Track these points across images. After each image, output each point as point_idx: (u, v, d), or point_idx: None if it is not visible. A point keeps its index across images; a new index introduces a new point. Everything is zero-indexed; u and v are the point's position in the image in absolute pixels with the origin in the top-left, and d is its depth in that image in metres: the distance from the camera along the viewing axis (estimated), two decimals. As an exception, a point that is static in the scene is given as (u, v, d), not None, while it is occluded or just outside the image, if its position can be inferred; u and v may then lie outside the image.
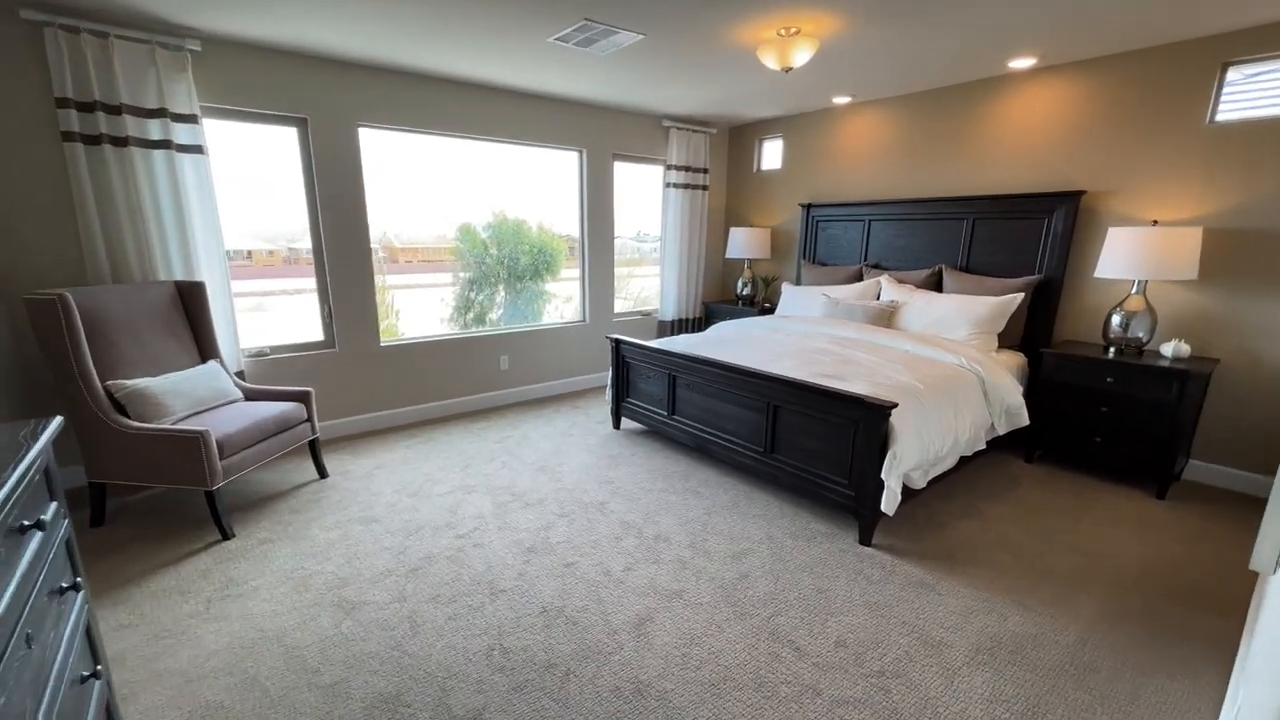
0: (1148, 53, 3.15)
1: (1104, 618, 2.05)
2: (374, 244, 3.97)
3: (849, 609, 2.08)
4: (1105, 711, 1.65)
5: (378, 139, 3.75)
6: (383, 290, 4.17)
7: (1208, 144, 3.02)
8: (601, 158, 4.74)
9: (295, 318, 3.71)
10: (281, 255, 3.67)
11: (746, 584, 2.23)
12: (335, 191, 3.56)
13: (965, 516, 2.79)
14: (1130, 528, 2.68)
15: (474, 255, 4.48)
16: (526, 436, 3.83)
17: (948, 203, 3.99)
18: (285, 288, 3.71)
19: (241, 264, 3.54)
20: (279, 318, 3.69)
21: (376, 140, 3.74)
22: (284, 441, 2.89)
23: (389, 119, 3.68)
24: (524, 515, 2.75)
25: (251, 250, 3.59)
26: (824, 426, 2.64)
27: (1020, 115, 3.66)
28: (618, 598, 2.14)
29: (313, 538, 2.55)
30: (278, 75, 3.26)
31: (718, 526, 2.67)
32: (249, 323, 3.55)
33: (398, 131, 3.80)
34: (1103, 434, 3.14)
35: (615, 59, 3.36)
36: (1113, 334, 3.19)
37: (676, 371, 3.39)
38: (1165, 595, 2.18)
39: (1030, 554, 2.45)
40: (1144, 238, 2.97)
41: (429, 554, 2.42)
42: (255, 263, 3.61)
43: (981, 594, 2.18)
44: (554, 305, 4.96)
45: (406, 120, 3.76)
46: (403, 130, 3.80)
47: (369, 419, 3.94)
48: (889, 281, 4.14)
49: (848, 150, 4.63)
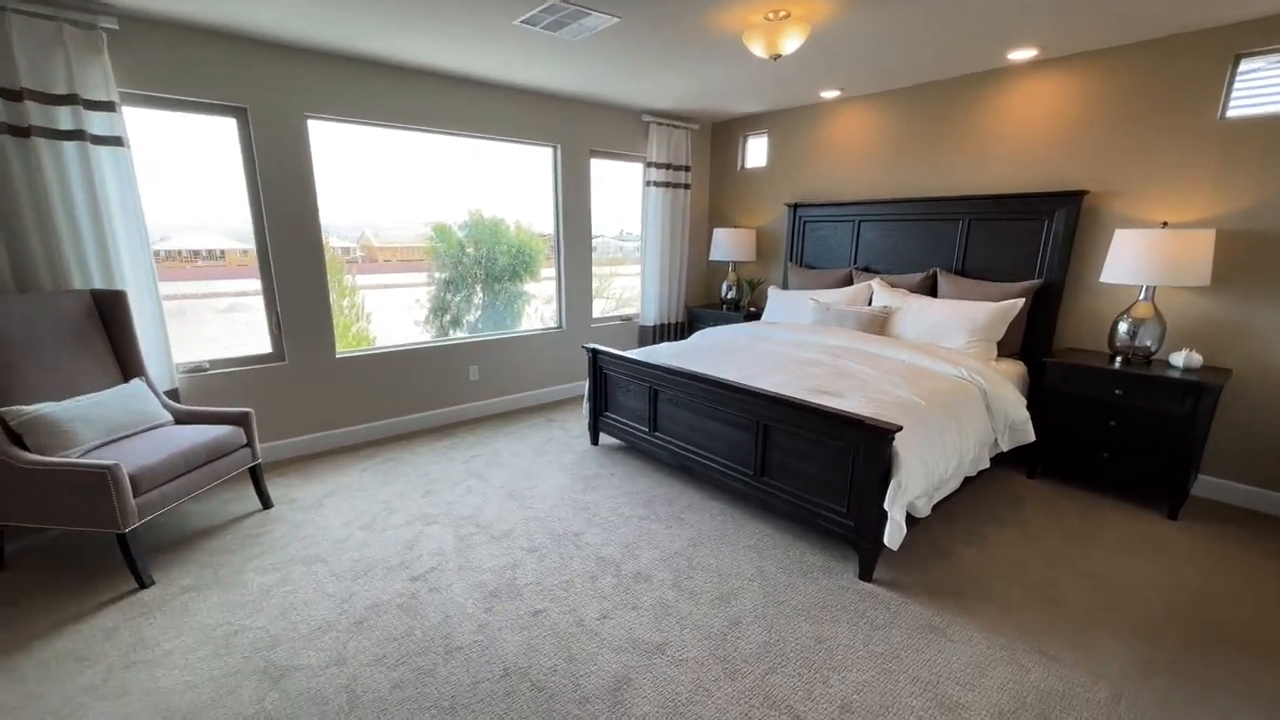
0: (1155, 44, 2.96)
1: (1134, 666, 1.84)
2: (350, 244, 3.67)
3: (853, 662, 1.85)
4: (1153, 793, 1.43)
5: (335, 133, 3.43)
6: (353, 292, 3.86)
7: (1219, 141, 2.84)
8: (578, 154, 4.46)
9: (241, 327, 3.38)
10: (228, 258, 3.33)
11: (737, 633, 1.98)
12: (282, 189, 3.23)
13: (969, 543, 2.57)
14: (1145, 553, 2.49)
15: (450, 255, 4.18)
16: (497, 455, 3.54)
17: (942, 203, 3.79)
18: (227, 291, 3.37)
19: (175, 268, 3.20)
20: (221, 327, 3.35)
21: (333, 134, 3.42)
22: (218, 471, 2.57)
23: (343, 111, 3.36)
24: (489, 551, 2.47)
25: (190, 252, 3.26)
26: (819, 449, 2.40)
27: (1019, 111, 3.47)
28: (591, 654, 1.87)
29: (245, 584, 2.24)
30: (211, 60, 2.93)
31: (704, 560, 2.41)
32: (186, 334, 3.21)
33: (355, 124, 3.48)
34: (1110, 449, 2.95)
35: (589, 46, 3.09)
36: (1119, 342, 3.01)
37: (658, 385, 3.13)
38: (1195, 637, 1.98)
39: (1044, 587, 2.24)
40: (1154, 241, 2.79)
41: (377, 602, 2.13)
42: (191, 266, 3.27)
43: (997, 639, 1.95)
44: (534, 307, 4.68)
45: (363, 112, 3.44)
46: (359, 123, 3.48)
47: (323, 438, 3.61)
48: (881, 286, 3.93)
49: (837, 147, 4.41)
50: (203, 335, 3.29)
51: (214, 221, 3.21)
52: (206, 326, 3.32)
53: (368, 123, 3.50)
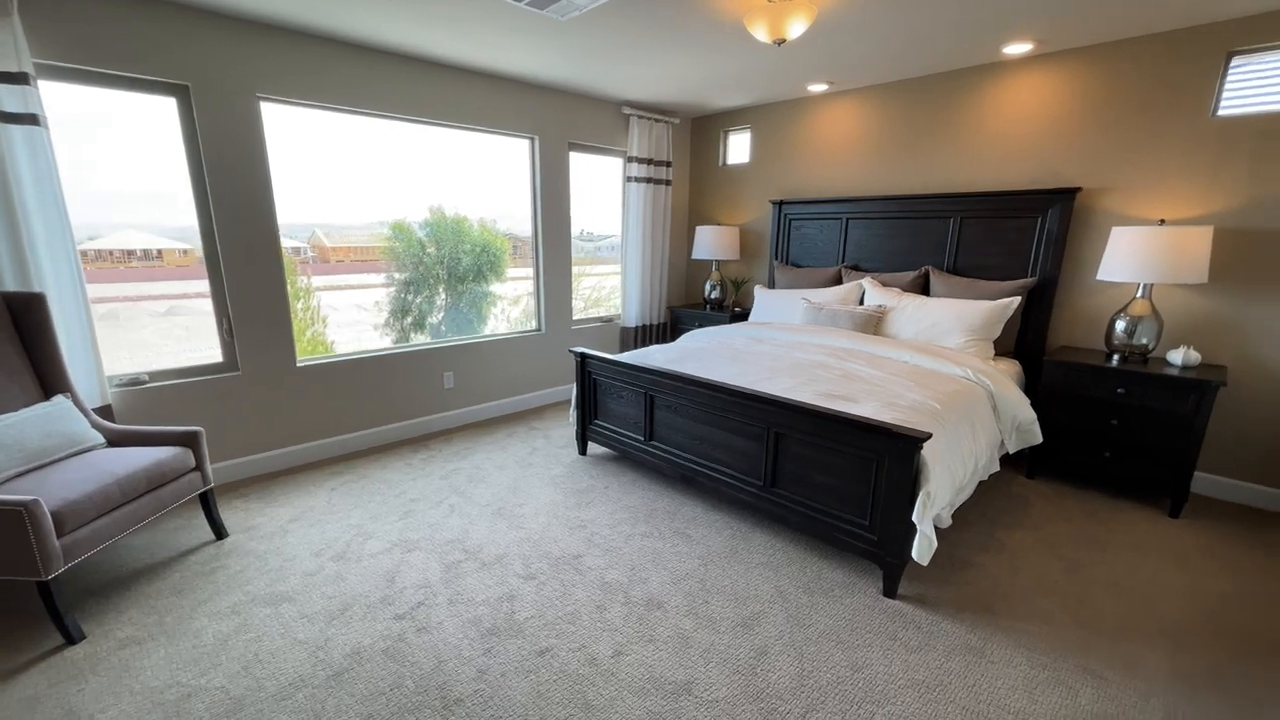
0: (1149, 40, 2.94)
1: (1178, 682, 1.75)
2: (301, 243, 3.33)
3: (895, 694, 1.70)
4: (1236, 831, 1.33)
5: (284, 119, 3.09)
6: (308, 294, 3.51)
7: (1213, 138, 2.84)
8: (556, 146, 4.22)
9: (181, 333, 3.01)
10: (166, 258, 2.96)
11: (766, 665, 1.81)
12: (232, 179, 2.89)
13: (987, 550, 2.48)
14: (1159, 556, 2.45)
15: (410, 255, 3.88)
16: (479, 469, 3.28)
17: (933, 200, 3.72)
18: (166, 294, 3.00)
19: (105, 269, 2.82)
20: (159, 334, 2.98)
21: (282, 121, 3.09)
22: (162, 499, 2.24)
23: (300, 92, 3.04)
24: (481, 580, 2.23)
25: (123, 251, 2.88)
26: (838, 459, 2.25)
27: (1011, 107, 3.43)
28: (610, 700, 1.67)
29: (198, 633, 1.94)
30: (146, 29, 2.57)
31: (718, 582, 2.24)
32: (120, 342, 2.83)
33: (311, 108, 3.15)
34: (1112, 448, 2.93)
35: (577, 26, 2.86)
36: (1117, 340, 2.98)
37: (655, 391, 2.94)
38: (1227, 645, 1.92)
39: (1072, 598, 2.15)
40: (1151, 238, 2.76)
41: (358, 647, 1.87)
42: (125, 267, 2.90)
43: (1038, 658, 1.85)
44: (500, 308, 4.41)
45: (323, 95, 3.12)
46: (318, 107, 3.16)
47: (285, 455, 3.27)
48: (872, 284, 3.85)
49: (823, 143, 4.31)
50: (137, 342, 2.91)
51: (151, 216, 2.84)
52: (141, 332, 2.94)
53: (329, 107, 3.18)
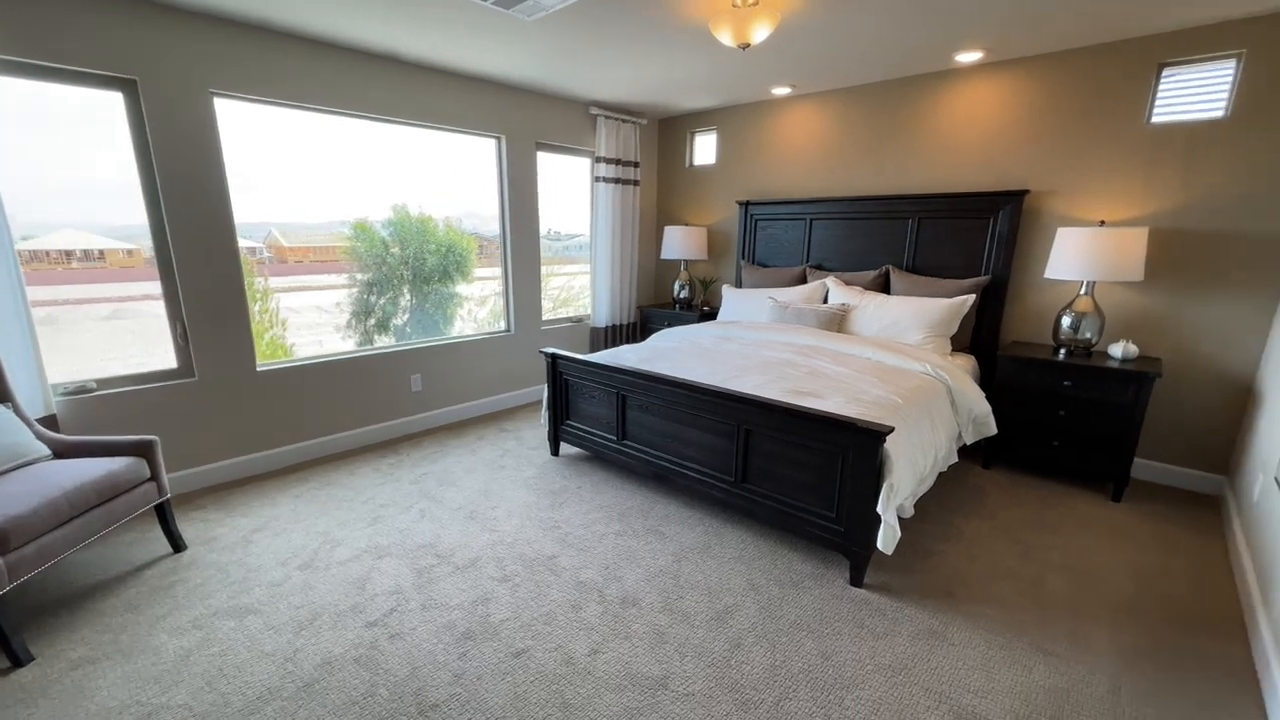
0: (1088, 51, 3.11)
1: (1121, 656, 1.87)
2: (256, 243, 3.22)
3: (864, 678, 1.77)
4: (1174, 790, 1.43)
5: (242, 113, 2.99)
6: (265, 295, 3.40)
7: (1147, 145, 3.03)
8: (523, 146, 4.19)
9: (128, 338, 2.89)
10: (110, 259, 2.83)
11: (741, 656, 1.85)
12: (185, 177, 2.78)
13: (947, 538, 2.59)
14: (1103, 537, 2.60)
15: (372, 255, 3.80)
16: (449, 472, 3.24)
17: (892, 201, 3.85)
18: (110, 296, 2.87)
19: (42, 270, 2.68)
20: (104, 338, 2.85)
21: (237, 117, 2.98)
22: (115, 512, 2.15)
23: (256, 88, 2.95)
24: (454, 584, 2.21)
25: (61, 252, 2.74)
26: (806, 453, 2.32)
27: (964, 112, 3.57)
28: (588, 698, 1.68)
29: (157, 649, 1.87)
30: (88, 21, 2.45)
31: (692, 577, 2.27)
32: (62, 348, 2.70)
33: (268, 105, 3.06)
34: (1060, 437, 3.09)
35: (544, 27, 2.86)
36: (1063, 335, 3.15)
37: (627, 390, 2.96)
38: (1164, 619, 2.06)
39: (1026, 581, 2.27)
40: (1092, 238, 2.93)
41: (328, 657, 1.83)
42: (64, 269, 2.76)
43: (995, 638, 1.94)
44: (467, 309, 4.36)
45: (280, 91, 3.03)
46: (275, 103, 3.07)
47: (246, 463, 3.17)
48: (835, 283, 3.95)
49: (787, 145, 4.40)
50: (79, 348, 2.77)
51: (93, 215, 2.72)
52: (83, 337, 2.80)
53: (287, 104, 3.09)
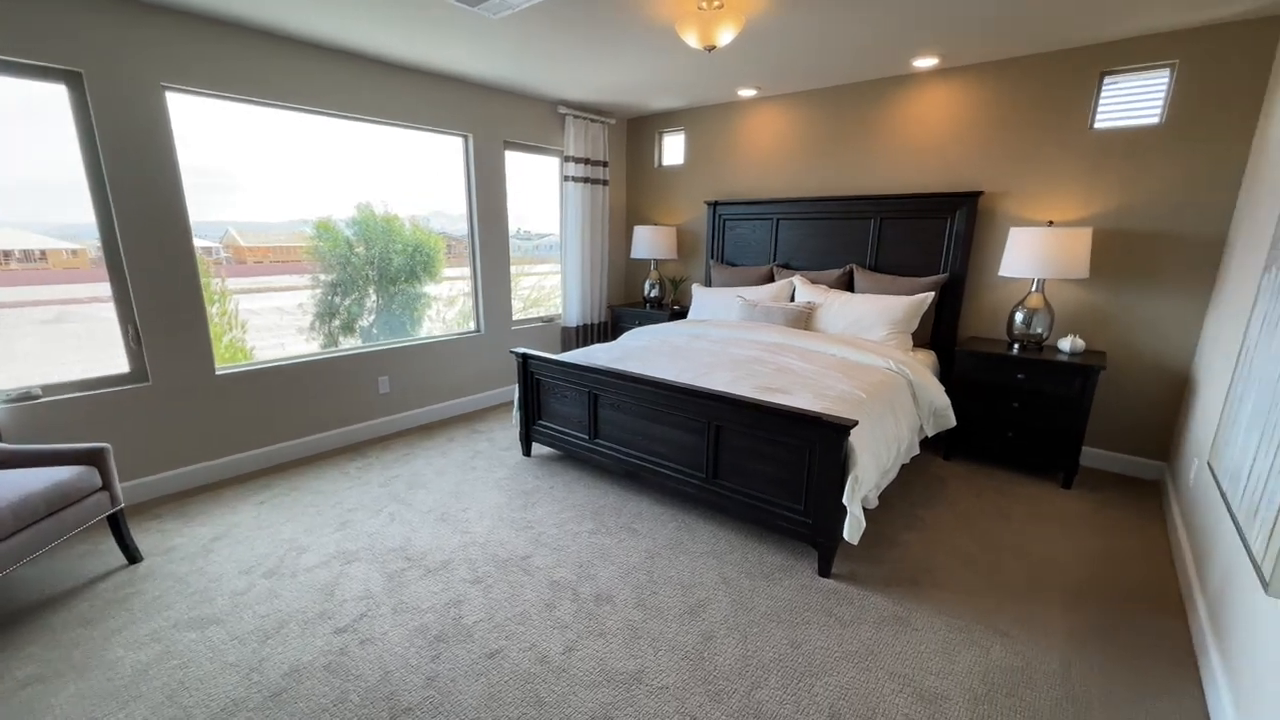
0: (1036, 58, 3.26)
1: (1073, 636, 1.97)
2: (212, 242, 3.12)
3: (832, 665, 1.82)
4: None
5: (196, 108, 2.90)
6: (223, 297, 3.29)
7: (1090, 149, 3.18)
8: (491, 145, 4.16)
9: (74, 342, 2.77)
10: (52, 259, 2.70)
11: (713, 649, 1.89)
12: (135, 173, 2.68)
13: (910, 528, 2.68)
14: (1056, 524, 2.73)
15: (336, 255, 3.71)
16: (419, 475, 3.20)
17: (855, 201, 3.96)
18: (52, 299, 2.75)
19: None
20: (47, 343, 2.72)
21: (190, 112, 2.89)
22: (64, 524, 2.06)
23: (211, 83, 2.85)
24: (426, 587, 2.19)
25: (6, 251, 2.61)
26: (774, 448, 2.37)
27: (922, 115, 3.69)
28: (562, 695, 1.69)
29: (113, 664, 1.80)
30: (26, 10, 2.34)
31: (664, 572, 2.30)
32: (5, 353, 2.57)
33: (224, 100, 2.97)
34: (1014, 429, 3.23)
35: (510, 25, 2.85)
36: (1016, 330, 3.29)
37: (599, 390, 2.97)
38: (1112, 599, 2.18)
39: (984, 566, 2.37)
40: (1042, 238, 3.06)
41: (296, 665, 1.80)
42: (2, 269, 2.63)
43: (955, 622, 2.03)
44: (436, 309, 4.30)
45: (237, 86, 2.94)
46: (231, 99, 2.98)
47: (206, 470, 3.07)
48: (802, 282, 4.04)
49: (754, 146, 4.47)
50: (19, 353, 2.64)
51: (34, 214, 2.59)
52: (23, 342, 2.66)
53: (243, 99, 3.00)
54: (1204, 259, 2.95)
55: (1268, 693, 1.33)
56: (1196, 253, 2.96)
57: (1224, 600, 1.75)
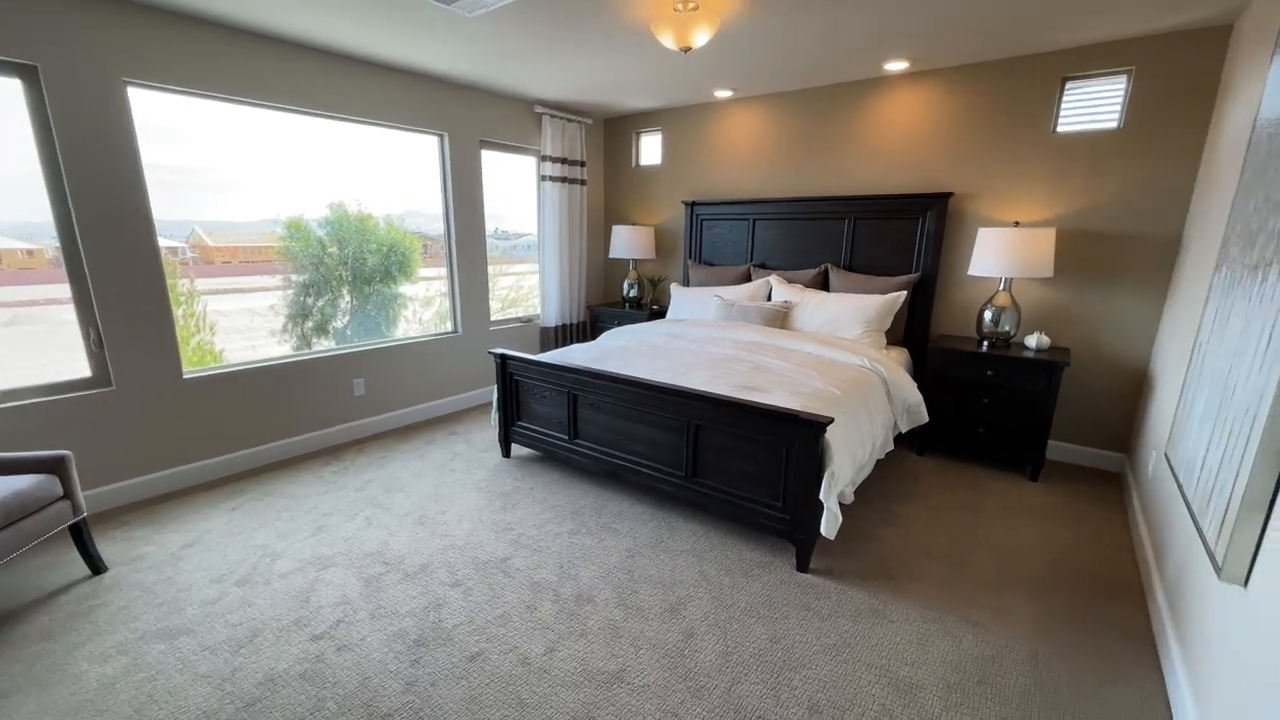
0: (1002, 63, 3.35)
1: (1039, 624, 2.04)
2: (178, 242, 3.04)
3: (810, 659, 1.85)
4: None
5: (160, 104, 2.81)
6: (190, 299, 3.20)
7: (1053, 152, 3.28)
8: (467, 144, 4.12)
9: (28, 345, 2.67)
10: (6, 260, 2.60)
11: (693, 646, 1.91)
12: (96, 171, 2.59)
13: (885, 522, 2.74)
14: (1023, 516, 2.82)
15: (308, 255, 3.64)
16: (395, 478, 3.16)
17: (829, 202, 4.02)
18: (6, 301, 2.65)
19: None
20: (11, 347, 2.62)
21: (158, 105, 2.81)
22: (23, 534, 1.99)
23: (176, 78, 2.78)
24: (404, 591, 2.17)
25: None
26: (753, 446, 2.40)
27: (894, 118, 3.77)
28: (545, 696, 1.69)
29: (77, 678, 1.75)
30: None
31: (645, 571, 2.32)
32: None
33: (190, 96, 2.89)
34: (985, 424, 3.31)
35: (486, 24, 2.83)
36: (985, 328, 3.38)
37: (578, 390, 2.97)
38: (1077, 588, 2.25)
39: (956, 559, 2.44)
40: (1008, 238, 3.15)
41: (271, 674, 1.76)
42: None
43: (929, 613, 2.08)
44: (412, 310, 4.25)
45: (202, 82, 2.86)
46: (197, 95, 2.90)
47: (174, 476, 2.99)
48: (778, 281, 4.09)
49: (730, 147, 4.51)
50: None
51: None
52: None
53: (209, 95, 2.93)
54: (1161, 259, 3.06)
55: (1222, 673, 1.40)
56: (1154, 253, 3.08)
57: (1181, 587, 1.83)
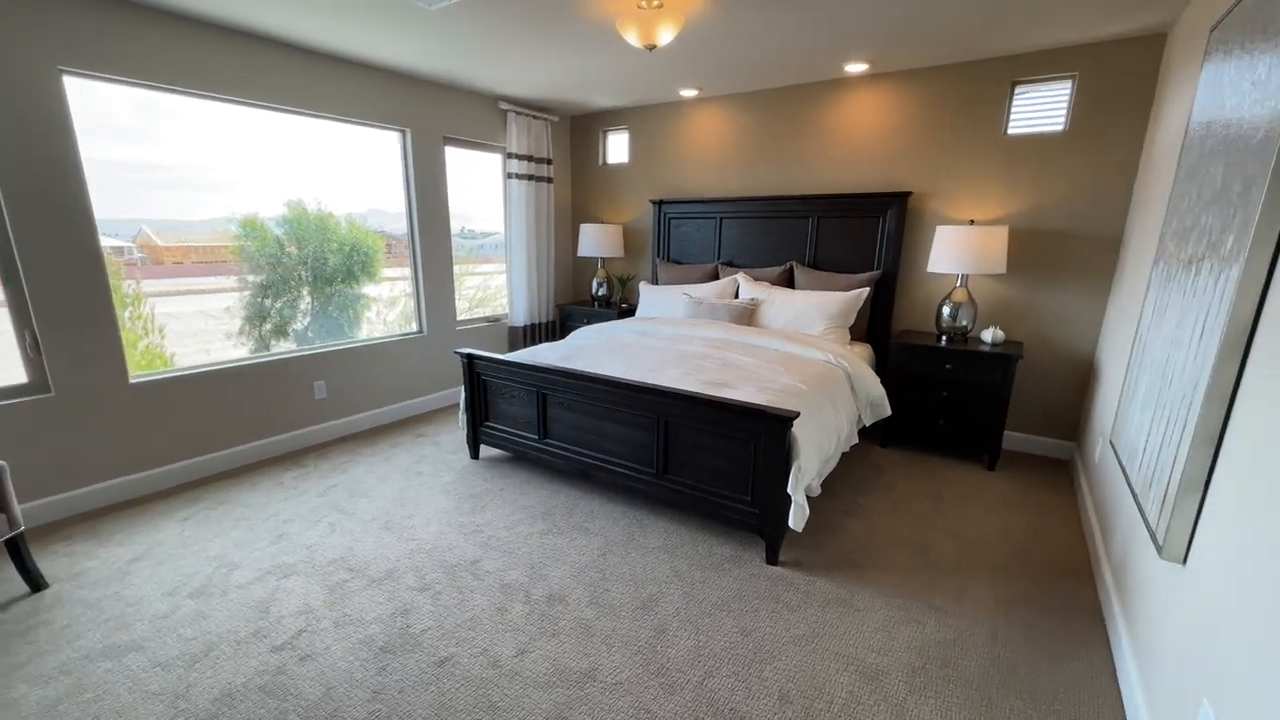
0: (956, 67, 3.46)
1: (998, 607, 2.12)
2: (125, 242, 2.90)
3: (780, 650, 1.88)
4: (1039, 714, 1.64)
5: (103, 94, 2.68)
6: (137, 300, 3.05)
7: (1005, 153, 3.41)
8: (430, 141, 4.04)
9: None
10: (-66, 261, 2.44)
11: (665, 642, 1.91)
12: (29, 166, 2.45)
13: (851, 514, 2.80)
14: (981, 503, 2.92)
15: (265, 255, 3.52)
16: (360, 482, 3.08)
17: (793, 201, 4.09)
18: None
19: None
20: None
21: (101, 96, 2.67)
22: (-47, 552, 1.87)
23: (118, 68, 2.64)
24: (370, 598, 2.12)
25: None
26: (723, 441, 2.42)
27: (855, 119, 3.85)
28: (516, 698, 1.67)
29: (15, 703, 1.65)
30: (-103, -17, 2.10)
31: (617, 569, 2.31)
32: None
33: (135, 87, 2.76)
34: (944, 416, 3.42)
35: (448, 18, 2.78)
36: (944, 323, 3.48)
37: (547, 389, 2.95)
38: (1032, 571, 2.35)
39: (919, 547, 2.51)
40: (964, 236, 3.26)
41: (228, 689, 1.70)
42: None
43: (894, 601, 2.13)
44: (376, 310, 4.15)
45: (148, 73, 2.73)
46: (143, 85, 2.77)
47: (122, 486, 2.84)
48: (745, 279, 4.14)
49: (697, 146, 4.54)
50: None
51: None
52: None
53: (155, 87, 2.80)
54: (1105, 254, 3.21)
55: (1164, 646, 1.48)
56: (1098, 249, 3.23)
57: (1126, 566, 1.92)
